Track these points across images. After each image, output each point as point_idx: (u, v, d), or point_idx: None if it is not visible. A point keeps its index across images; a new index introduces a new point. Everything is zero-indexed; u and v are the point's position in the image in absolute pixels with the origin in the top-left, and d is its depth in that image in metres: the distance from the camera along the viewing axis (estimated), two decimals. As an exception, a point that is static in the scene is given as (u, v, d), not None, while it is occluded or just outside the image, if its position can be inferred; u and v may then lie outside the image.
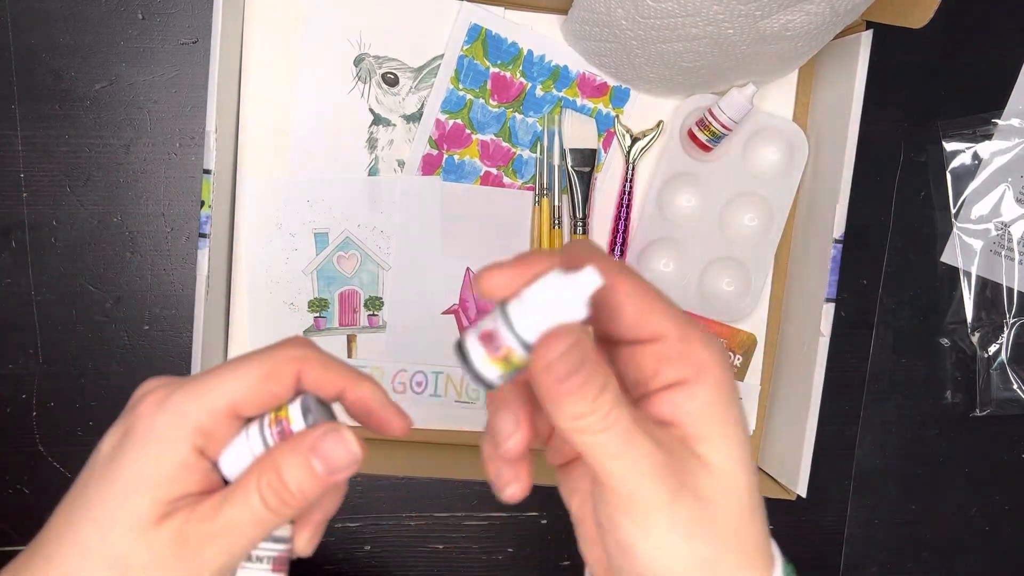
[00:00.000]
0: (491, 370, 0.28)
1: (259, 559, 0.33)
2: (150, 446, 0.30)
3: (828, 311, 0.59)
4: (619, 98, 0.64)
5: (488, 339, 0.28)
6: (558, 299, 0.27)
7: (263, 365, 0.31)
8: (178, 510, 0.30)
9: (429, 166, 0.63)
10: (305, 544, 0.34)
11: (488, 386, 0.28)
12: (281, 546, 0.34)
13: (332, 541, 0.66)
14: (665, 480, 0.27)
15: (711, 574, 0.28)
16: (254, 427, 0.32)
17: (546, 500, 0.67)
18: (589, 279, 0.27)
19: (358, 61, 0.62)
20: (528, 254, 0.28)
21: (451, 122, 0.63)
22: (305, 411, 0.32)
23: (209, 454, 0.31)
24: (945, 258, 0.69)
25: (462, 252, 0.64)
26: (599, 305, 0.28)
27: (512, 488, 0.31)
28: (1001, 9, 0.67)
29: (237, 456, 0.32)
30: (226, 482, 0.32)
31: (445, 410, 0.65)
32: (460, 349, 0.28)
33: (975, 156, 0.68)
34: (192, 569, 0.30)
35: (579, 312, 0.27)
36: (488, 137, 0.64)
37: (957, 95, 0.68)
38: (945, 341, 0.69)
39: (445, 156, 0.63)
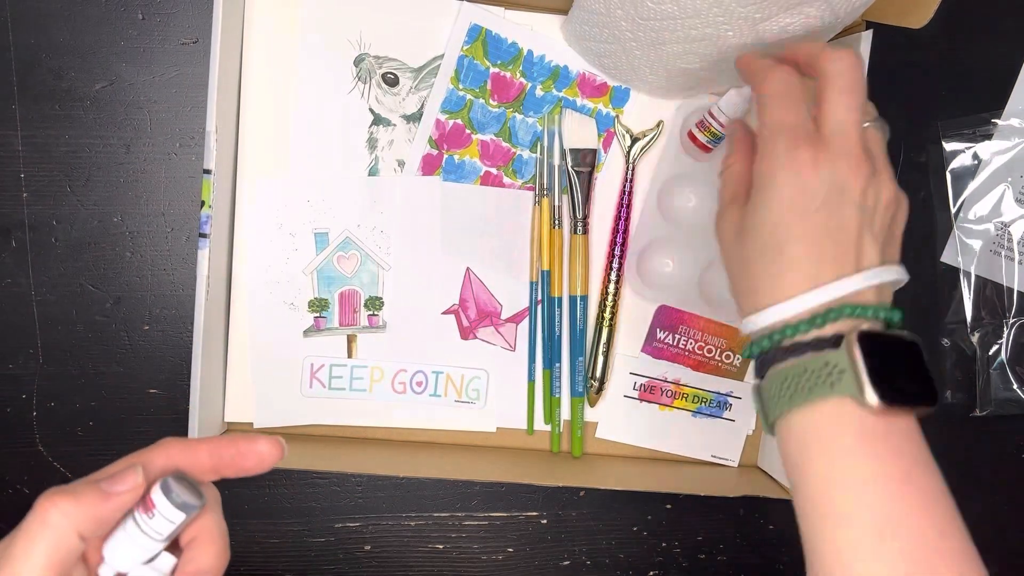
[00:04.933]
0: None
1: None
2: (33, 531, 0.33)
3: (828, 311, 0.59)
4: (619, 98, 0.64)
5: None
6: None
7: (126, 463, 0.36)
8: None
9: (429, 166, 0.63)
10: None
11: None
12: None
13: (332, 541, 0.66)
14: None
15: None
16: (129, 517, 0.35)
17: (546, 500, 0.68)
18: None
19: (358, 61, 0.62)
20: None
21: (451, 122, 0.63)
22: (166, 491, 0.34)
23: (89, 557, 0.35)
24: (945, 258, 0.69)
25: (462, 252, 0.64)
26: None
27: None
28: (1001, 9, 0.67)
29: (118, 544, 0.35)
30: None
31: (445, 410, 0.65)
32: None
33: (975, 156, 0.68)
34: None
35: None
36: (488, 137, 0.64)
37: (957, 95, 0.68)
38: (945, 341, 0.69)
39: (445, 156, 0.63)
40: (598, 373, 0.65)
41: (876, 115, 0.46)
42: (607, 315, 0.64)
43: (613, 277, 0.64)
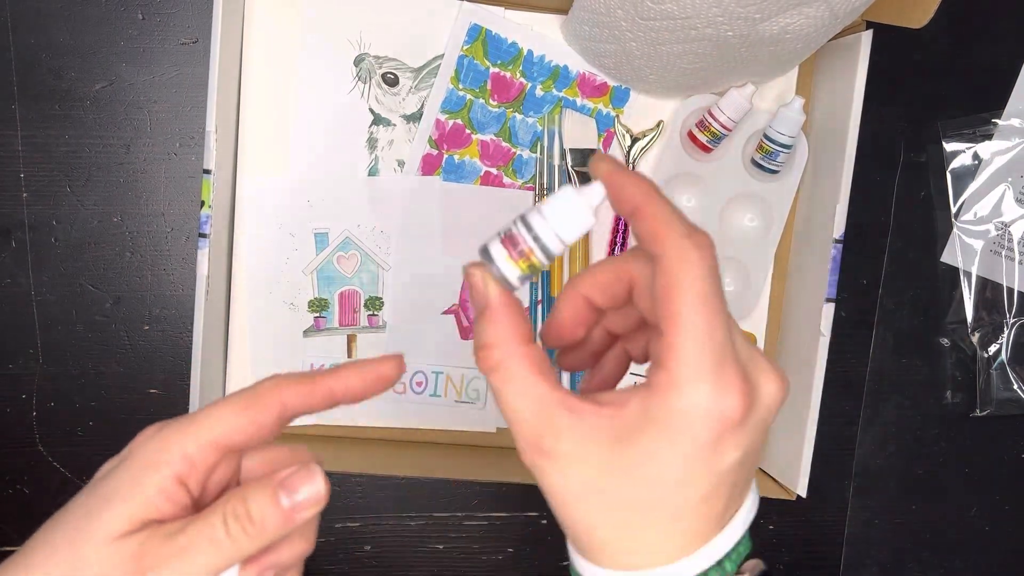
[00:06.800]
0: (512, 271, 0.32)
1: None
2: (133, 469, 0.31)
3: (828, 311, 0.59)
4: (619, 98, 0.64)
5: (511, 243, 0.32)
6: (570, 210, 0.32)
7: (242, 396, 0.33)
8: (145, 528, 0.31)
9: (429, 166, 0.63)
10: None
11: (509, 286, 0.32)
12: None
13: (333, 541, 0.66)
14: None
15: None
16: None
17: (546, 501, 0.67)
18: (596, 192, 0.32)
19: (358, 61, 0.62)
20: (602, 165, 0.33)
21: (451, 122, 0.63)
22: None
23: (191, 487, 0.32)
24: (945, 258, 0.69)
25: (462, 252, 0.64)
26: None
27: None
28: (1001, 9, 0.67)
29: None
30: None
31: (445, 410, 0.65)
32: (485, 252, 0.33)
33: (975, 156, 0.68)
34: None
35: (589, 220, 0.32)
36: (488, 137, 0.64)
37: (957, 95, 0.68)
38: (945, 341, 0.69)
39: (445, 156, 0.63)
40: (598, 373, 0.65)
41: None
42: (607, 315, 0.64)
43: (613, 277, 0.64)
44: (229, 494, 0.31)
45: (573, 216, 0.31)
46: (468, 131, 0.63)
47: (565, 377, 0.65)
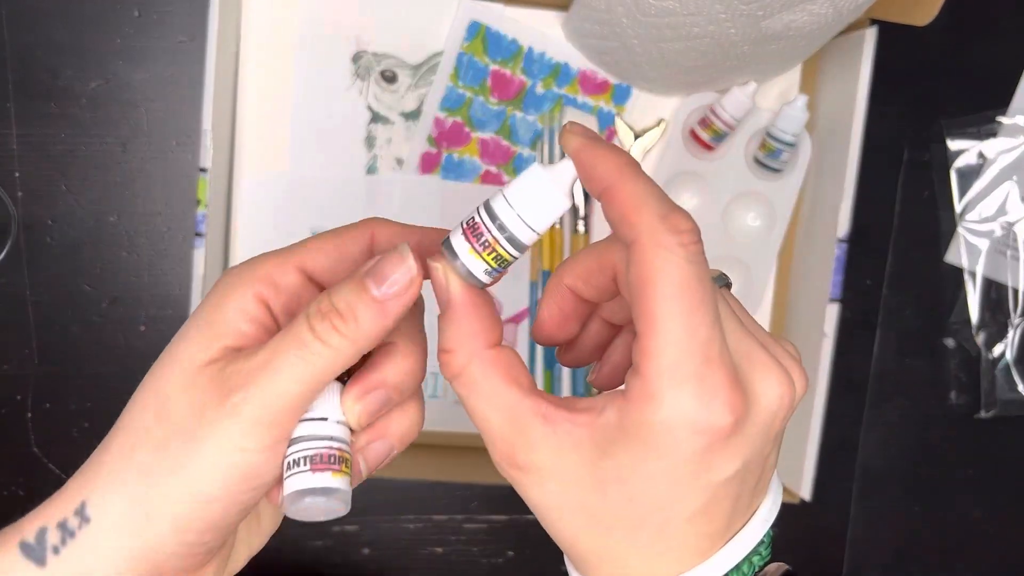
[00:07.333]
0: (477, 265, 0.28)
1: (297, 462, 0.28)
2: (214, 296, 0.29)
3: (832, 311, 0.59)
4: (620, 96, 0.64)
5: (473, 233, 0.28)
6: (539, 193, 0.27)
7: (332, 229, 0.31)
8: (228, 356, 0.28)
9: (428, 164, 0.63)
10: (352, 406, 0.29)
11: (477, 283, 0.28)
12: (329, 443, 0.28)
13: (330, 544, 0.66)
14: None
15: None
16: None
17: (546, 502, 0.67)
18: (566, 170, 0.27)
19: (357, 58, 0.61)
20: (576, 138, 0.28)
21: (450, 120, 0.62)
22: None
23: (275, 309, 0.29)
24: (949, 258, 0.68)
25: (462, 252, 0.63)
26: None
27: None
28: (1005, 6, 0.67)
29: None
30: None
31: (444, 411, 0.64)
32: (447, 244, 0.28)
33: (980, 155, 0.67)
34: (226, 413, 0.27)
35: (561, 203, 0.27)
36: (488, 135, 0.63)
37: (961, 93, 0.67)
38: (949, 342, 0.69)
39: (444, 154, 0.63)
40: (599, 374, 0.64)
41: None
42: (608, 315, 0.64)
43: (614, 277, 0.64)
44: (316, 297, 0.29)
45: (542, 199, 0.27)
46: (468, 129, 0.63)
47: (566, 372, 0.65)
